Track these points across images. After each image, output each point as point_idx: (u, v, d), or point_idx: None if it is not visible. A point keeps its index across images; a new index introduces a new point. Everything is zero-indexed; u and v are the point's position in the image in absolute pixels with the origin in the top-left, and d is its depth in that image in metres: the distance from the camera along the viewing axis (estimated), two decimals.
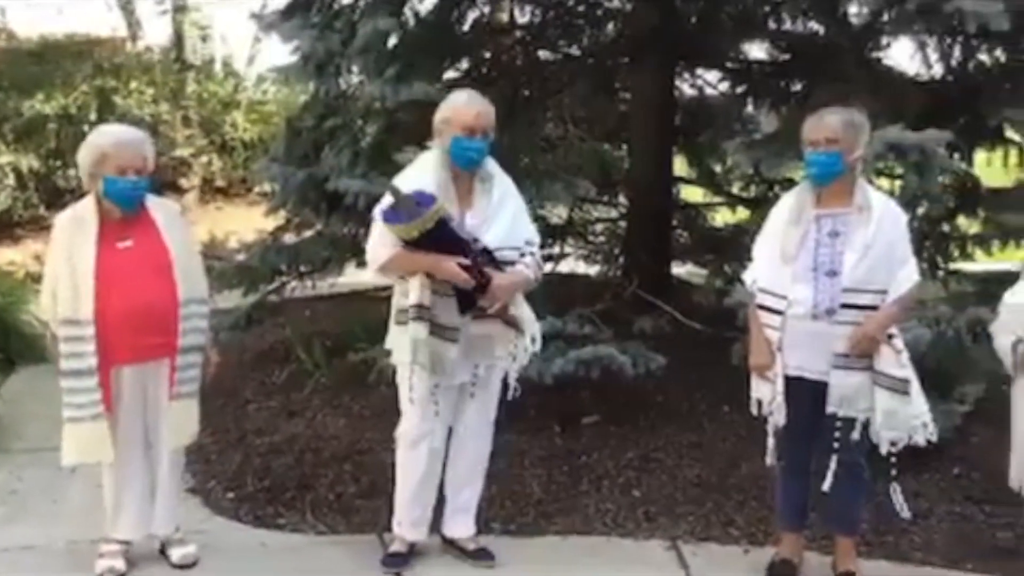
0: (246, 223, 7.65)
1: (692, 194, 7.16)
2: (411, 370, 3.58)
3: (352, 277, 5.89)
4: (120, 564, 3.69)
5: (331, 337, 5.80)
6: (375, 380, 4.80)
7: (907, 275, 3.48)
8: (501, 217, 3.63)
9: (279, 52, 5.77)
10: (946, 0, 4.05)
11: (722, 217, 7.08)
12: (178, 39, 12.66)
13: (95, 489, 3.81)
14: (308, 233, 6.06)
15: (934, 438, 3.51)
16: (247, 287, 6.01)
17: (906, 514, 3.59)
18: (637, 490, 4.40)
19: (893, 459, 3.49)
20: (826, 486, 3.53)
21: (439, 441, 3.72)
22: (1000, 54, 5.04)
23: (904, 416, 3.45)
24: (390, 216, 3.50)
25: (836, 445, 3.49)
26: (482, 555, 3.83)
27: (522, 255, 3.66)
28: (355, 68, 5.30)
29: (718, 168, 6.79)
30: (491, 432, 3.84)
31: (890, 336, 3.45)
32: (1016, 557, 3.68)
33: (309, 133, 5.87)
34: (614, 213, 6.90)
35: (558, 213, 6.74)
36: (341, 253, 5.76)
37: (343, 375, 5.34)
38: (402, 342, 3.58)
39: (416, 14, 5.54)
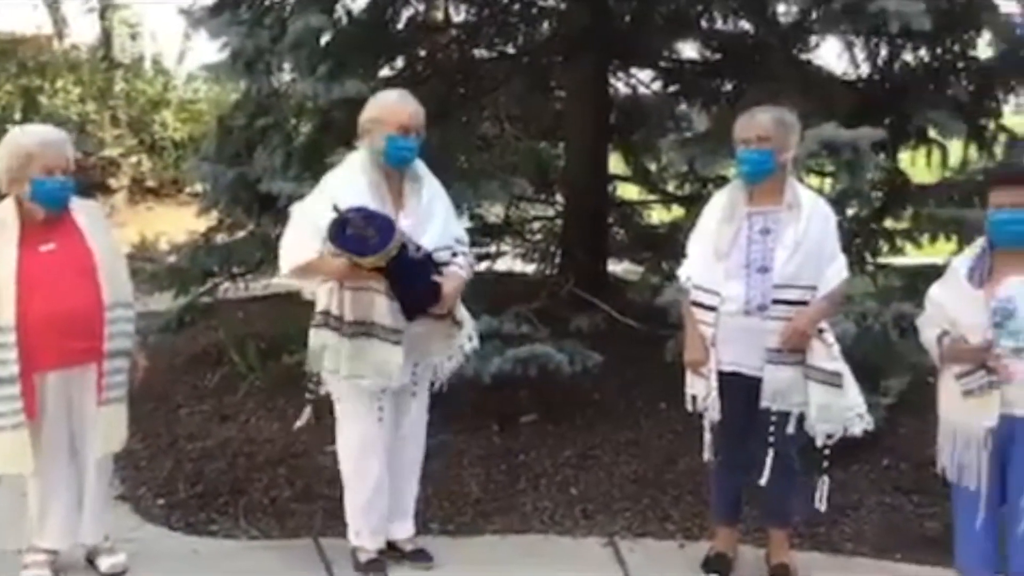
0: (177, 224, 7.50)
1: (628, 192, 7.21)
2: (341, 378, 3.54)
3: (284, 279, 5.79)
4: (46, 574, 3.60)
5: (265, 339, 5.73)
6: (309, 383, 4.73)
7: (836, 271, 3.55)
8: (434, 217, 3.63)
9: (210, 50, 5.68)
10: (870, 0, 4.13)
11: (658, 215, 7.15)
12: (106, 37, 12.43)
13: (20, 498, 3.70)
14: (241, 234, 5.97)
15: (871, 427, 3.57)
16: (178, 289, 5.90)
17: (822, 508, 3.62)
18: (575, 488, 4.42)
19: (827, 452, 3.53)
20: (763, 480, 3.56)
21: (385, 445, 3.69)
22: (924, 54, 5.16)
23: (838, 409, 3.50)
24: (345, 243, 3.42)
25: (771, 439, 3.53)
26: (420, 556, 3.81)
27: (454, 254, 3.66)
28: (286, 66, 5.23)
29: (653, 166, 6.85)
30: (425, 432, 3.83)
31: (821, 331, 3.50)
32: (943, 546, 3.74)
33: (241, 132, 5.78)
34: (551, 211, 6.93)
35: (495, 212, 6.76)
36: (274, 254, 5.65)
37: (277, 377, 5.28)
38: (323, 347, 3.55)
39: (349, 12, 5.49)
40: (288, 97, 5.52)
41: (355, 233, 3.41)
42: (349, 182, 3.52)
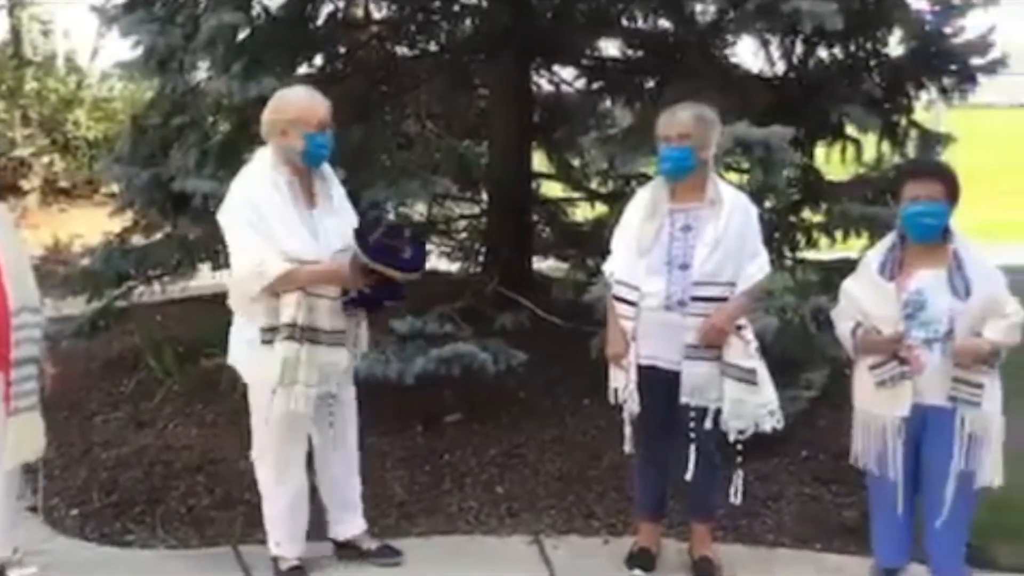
0: (92, 226, 7.30)
1: (552, 190, 7.21)
2: (273, 391, 3.44)
3: (205, 280, 5.70)
4: None
5: (183, 343, 5.60)
6: (229, 387, 4.65)
7: (757, 268, 3.59)
8: (345, 213, 3.65)
9: (124, 47, 5.54)
10: (784, 0, 4.19)
11: (582, 212, 7.16)
12: (15, 34, 12.04)
13: None
14: (157, 235, 5.82)
15: (780, 426, 3.61)
16: (92, 293, 5.73)
17: (738, 501, 3.66)
18: (500, 487, 4.41)
19: (739, 447, 3.57)
20: (688, 475, 3.59)
21: (304, 450, 3.65)
22: (838, 52, 5.25)
23: (751, 405, 3.54)
24: (377, 255, 3.47)
25: (692, 435, 3.56)
26: (387, 552, 3.80)
27: None
28: (201, 64, 5.12)
29: (576, 163, 6.86)
30: (357, 426, 3.81)
31: (739, 327, 3.54)
32: (860, 534, 3.82)
33: (156, 131, 5.66)
34: (475, 210, 6.90)
35: (419, 211, 6.72)
36: (192, 256, 5.56)
37: (195, 382, 5.17)
38: (268, 362, 3.43)
39: (266, 8, 5.38)
40: (205, 95, 5.41)
41: (385, 245, 3.48)
42: (265, 183, 3.47)
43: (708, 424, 3.56)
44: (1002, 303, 3.35)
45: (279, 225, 3.43)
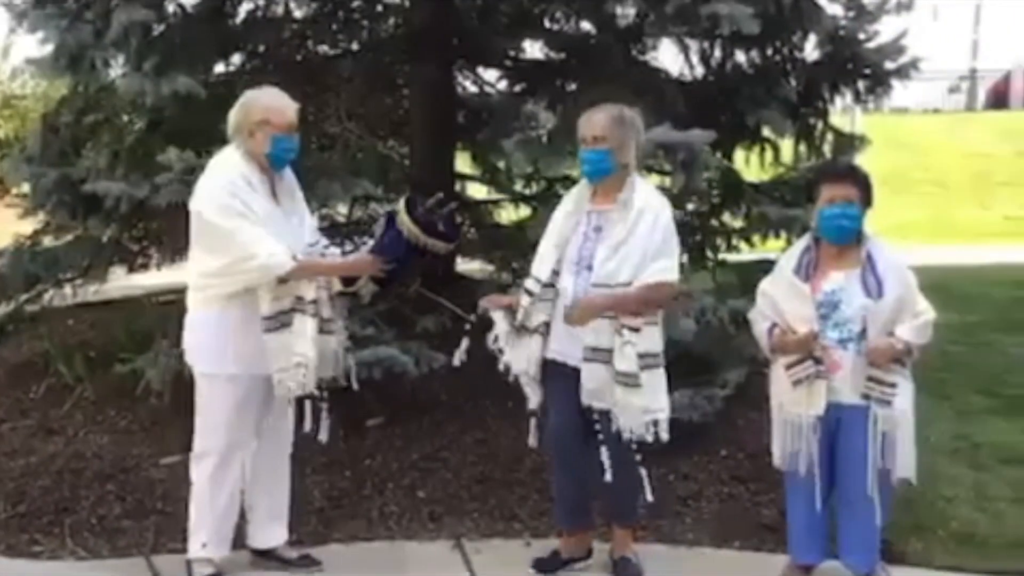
0: (2, 227, 7.07)
1: (476, 191, 7.19)
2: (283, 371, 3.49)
3: (117, 283, 5.55)
4: None
5: (95, 348, 5.44)
6: (142, 393, 4.54)
7: (655, 270, 3.49)
8: (305, 214, 3.74)
9: (35, 44, 5.37)
10: (702, 3, 4.24)
11: (506, 214, 7.15)
12: None
13: None
14: (68, 237, 5.65)
15: (664, 436, 3.53)
16: (0, 296, 5.54)
17: (650, 499, 3.64)
18: (422, 491, 4.37)
19: (639, 452, 3.55)
20: (608, 477, 3.57)
21: (249, 451, 3.62)
22: (755, 56, 5.33)
23: (635, 410, 3.48)
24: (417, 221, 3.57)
25: (600, 437, 3.55)
26: (308, 562, 3.75)
27: (326, 247, 3.74)
28: (113, 61, 4.98)
29: (500, 165, 6.85)
30: (292, 433, 3.77)
31: (635, 329, 3.45)
32: (778, 532, 3.88)
33: (67, 130, 5.49)
34: None
35: (340, 212, 6.63)
36: (104, 258, 5.41)
37: (107, 388, 5.02)
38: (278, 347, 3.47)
39: (180, 5, 5.26)
40: (118, 93, 5.26)
41: (428, 220, 3.57)
42: (240, 179, 3.46)
43: (615, 426, 3.53)
44: (913, 303, 3.43)
45: (263, 220, 3.46)
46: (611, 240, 3.50)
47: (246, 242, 3.40)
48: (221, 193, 3.46)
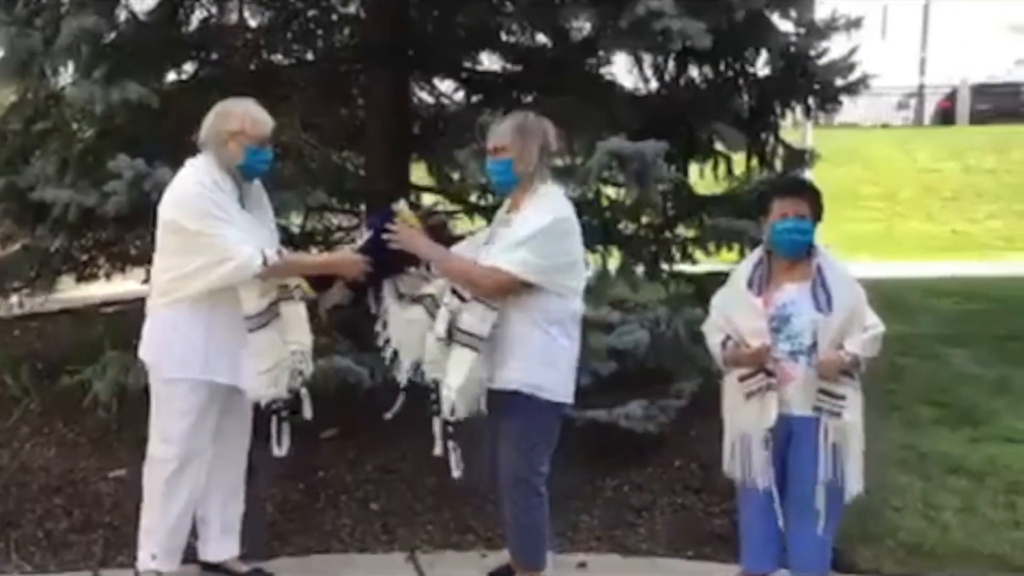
0: None
1: (432, 202, 7.17)
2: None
3: (66, 293, 5.46)
4: None
5: (42, 359, 5.35)
6: (90, 404, 4.46)
7: (503, 257, 3.37)
8: (272, 224, 3.73)
9: None
10: (655, 18, 4.28)
11: (462, 225, 7.15)
12: None
13: None
14: (15, 247, 5.55)
15: (448, 415, 3.50)
16: None
17: (457, 474, 3.58)
18: (375, 503, 4.35)
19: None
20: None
21: (206, 461, 3.58)
22: (707, 71, 5.39)
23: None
24: None
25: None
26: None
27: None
28: (62, 69, 4.91)
29: (455, 177, 6.85)
30: (248, 447, 3.75)
31: (455, 291, 3.42)
32: (730, 542, 3.90)
33: (16, 138, 5.39)
34: (354, 222, 6.81)
35: (295, 222, 6.58)
36: (52, 268, 5.32)
37: (54, 400, 4.94)
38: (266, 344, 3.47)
39: (132, 13, 5.21)
40: (68, 101, 5.19)
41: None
42: (211, 185, 3.43)
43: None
44: (862, 316, 3.48)
45: (238, 223, 3.45)
46: (494, 248, 3.43)
47: (223, 242, 3.39)
48: (195, 197, 3.44)
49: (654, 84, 5.55)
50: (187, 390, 3.48)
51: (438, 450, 3.50)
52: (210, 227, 3.40)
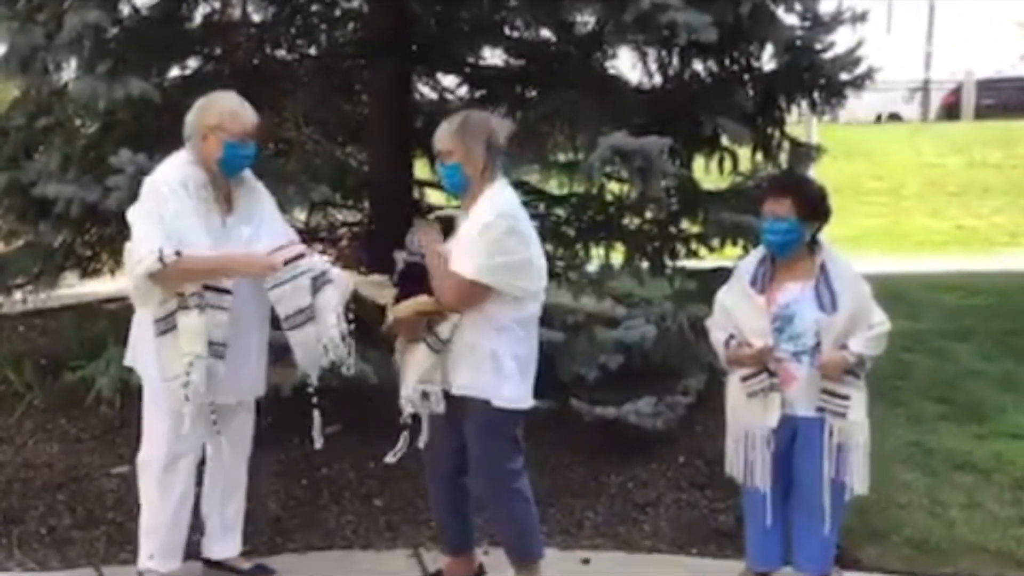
0: None
1: (436, 197, 7.16)
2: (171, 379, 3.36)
3: (69, 289, 5.45)
4: None
5: (46, 355, 5.35)
6: (94, 400, 4.46)
7: (455, 262, 3.34)
8: (269, 217, 3.60)
9: None
10: (660, 11, 4.25)
11: None
12: None
13: None
14: (18, 243, 5.55)
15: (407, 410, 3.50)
16: None
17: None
18: (379, 500, 4.34)
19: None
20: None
21: (196, 459, 3.55)
22: (712, 65, 5.36)
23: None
24: None
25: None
26: (261, 573, 3.70)
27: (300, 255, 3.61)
28: (65, 64, 4.90)
29: None
30: (250, 446, 3.72)
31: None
32: (735, 538, 3.89)
33: (19, 134, 5.39)
34: (358, 217, 6.80)
35: (299, 218, 6.57)
36: (55, 264, 5.31)
37: (58, 396, 4.93)
38: (166, 349, 3.36)
39: (135, 7, 5.20)
40: (71, 96, 5.18)
41: None
42: (174, 183, 3.37)
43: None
44: (867, 314, 3.45)
45: (182, 227, 3.34)
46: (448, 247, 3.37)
47: (138, 240, 3.36)
48: (147, 194, 3.41)
49: (658, 78, 5.51)
50: (168, 389, 3.41)
51: (399, 444, 3.60)
52: (140, 224, 3.36)
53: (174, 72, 5.54)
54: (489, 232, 3.27)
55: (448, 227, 3.48)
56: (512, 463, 3.44)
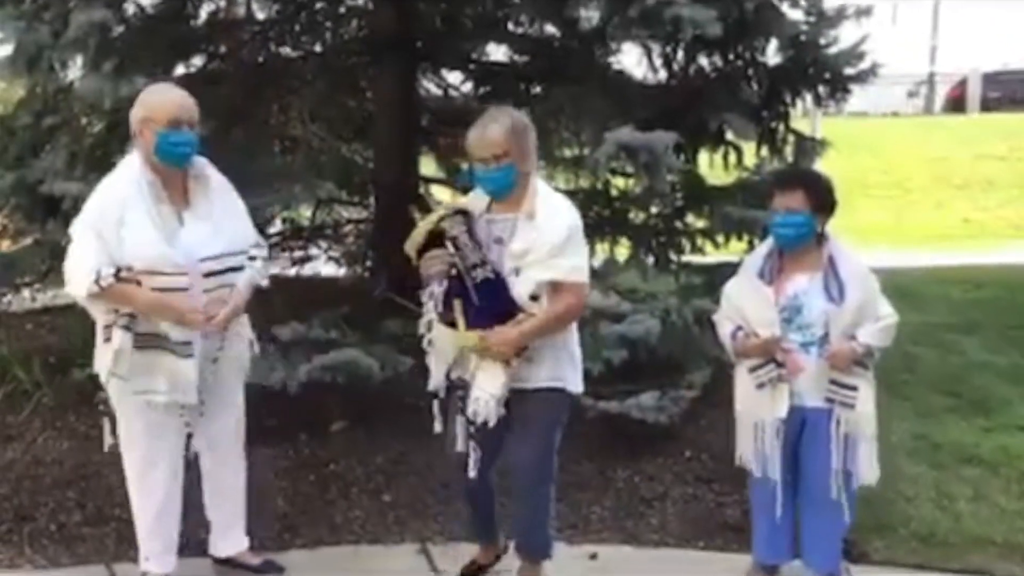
0: None
1: (441, 194, 7.17)
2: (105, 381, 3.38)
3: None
4: None
5: (54, 353, 5.36)
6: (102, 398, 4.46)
7: (550, 270, 3.28)
8: (226, 219, 3.46)
9: None
10: (665, 7, 4.26)
11: None
12: None
13: None
14: (26, 241, 5.56)
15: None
16: None
17: (473, 474, 3.47)
18: (387, 495, 4.35)
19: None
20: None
21: (177, 461, 3.53)
22: (717, 60, 5.36)
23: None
24: None
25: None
26: (270, 568, 3.70)
27: (251, 258, 3.53)
28: (71, 62, 4.91)
29: (464, 168, 6.84)
30: (243, 443, 3.69)
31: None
32: (742, 532, 3.90)
33: (25, 132, 5.40)
34: (363, 214, 6.82)
35: (304, 215, 6.60)
36: (63, 262, 5.31)
37: (67, 394, 4.94)
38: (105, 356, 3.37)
39: (140, 6, 5.21)
40: (77, 95, 5.20)
41: None
42: (122, 184, 3.32)
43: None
44: (875, 306, 3.46)
45: (130, 229, 3.25)
46: (515, 250, 3.29)
47: (75, 259, 3.29)
48: (88, 206, 3.35)
49: (663, 74, 5.52)
50: (132, 392, 3.38)
51: (460, 447, 3.43)
52: (78, 241, 3.29)
53: (179, 70, 5.54)
54: (576, 232, 3.32)
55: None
56: (555, 454, 3.51)
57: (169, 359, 3.33)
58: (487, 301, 3.27)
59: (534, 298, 3.29)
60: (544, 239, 3.25)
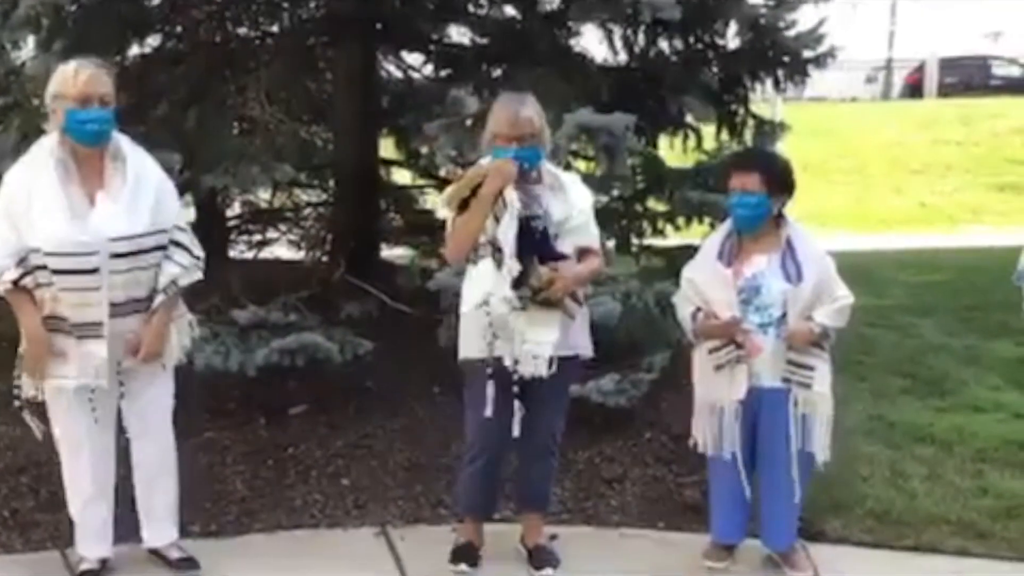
0: None
1: (400, 176, 7.13)
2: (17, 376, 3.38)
3: None
4: None
5: (5, 338, 5.25)
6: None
7: (590, 236, 3.57)
8: (142, 199, 3.30)
9: None
10: None
11: (432, 199, 7.10)
12: None
13: None
14: None
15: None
16: None
17: (516, 433, 3.51)
18: (346, 479, 4.32)
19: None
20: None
21: (103, 446, 3.47)
22: (677, 44, 5.37)
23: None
24: None
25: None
26: (185, 564, 3.61)
27: (175, 243, 3.40)
28: (22, 43, 4.81)
29: (424, 150, 6.79)
30: (170, 428, 3.58)
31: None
32: (701, 512, 3.93)
33: None
34: (323, 196, 6.76)
35: (264, 197, 6.53)
36: None
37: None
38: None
39: None
40: (29, 75, 5.09)
41: None
42: (34, 165, 3.25)
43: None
44: (832, 287, 3.50)
45: (39, 212, 3.17)
46: (557, 216, 3.46)
47: None
48: (1, 188, 3.29)
49: (624, 56, 5.52)
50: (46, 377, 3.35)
51: (488, 412, 3.46)
52: None
53: (134, 50, 5.45)
54: (590, 205, 3.62)
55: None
56: None
57: (76, 342, 3.26)
58: (537, 251, 3.42)
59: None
60: (580, 207, 3.53)
